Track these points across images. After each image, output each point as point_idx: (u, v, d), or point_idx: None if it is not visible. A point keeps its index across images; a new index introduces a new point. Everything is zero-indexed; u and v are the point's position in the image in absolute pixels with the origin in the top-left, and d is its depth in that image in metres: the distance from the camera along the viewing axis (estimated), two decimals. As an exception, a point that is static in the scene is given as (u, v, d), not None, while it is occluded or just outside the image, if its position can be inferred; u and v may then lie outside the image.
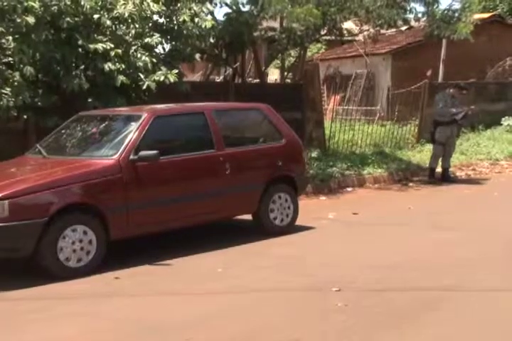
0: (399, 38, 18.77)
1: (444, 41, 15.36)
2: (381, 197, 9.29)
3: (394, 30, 16.66)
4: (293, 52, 15.98)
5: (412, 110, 13.21)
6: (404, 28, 17.48)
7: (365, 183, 10.17)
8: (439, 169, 10.59)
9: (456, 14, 11.18)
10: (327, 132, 11.62)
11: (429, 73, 13.63)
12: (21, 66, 7.40)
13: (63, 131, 6.64)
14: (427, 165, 10.68)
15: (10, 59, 7.59)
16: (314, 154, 10.63)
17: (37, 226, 5.23)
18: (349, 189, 9.80)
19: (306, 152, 8.60)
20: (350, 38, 17.04)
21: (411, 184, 10.29)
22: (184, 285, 5.19)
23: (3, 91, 7.28)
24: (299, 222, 7.18)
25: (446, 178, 10.46)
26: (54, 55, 7.60)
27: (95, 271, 5.48)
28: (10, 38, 7.48)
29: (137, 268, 5.64)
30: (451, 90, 10.46)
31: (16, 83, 7.40)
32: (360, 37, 16.52)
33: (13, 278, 5.47)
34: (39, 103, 7.68)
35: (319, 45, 20.45)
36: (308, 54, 17.53)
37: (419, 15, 11.30)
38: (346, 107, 14.21)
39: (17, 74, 7.47)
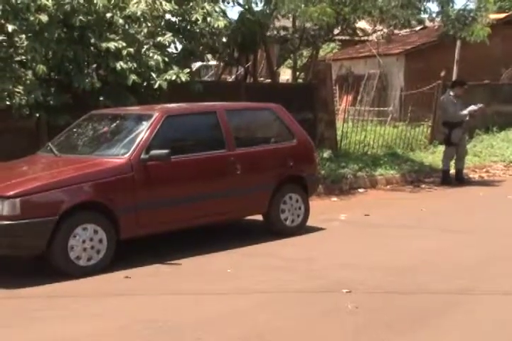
0: (412, 39, 18.72)
1: (458, 42, 15.31)
2: (393, 199, 9.27)
3: (408, 30, 16.64)
4: (305, 51, 16.00)
5: (424, 111, 13.18)
6: (418, 28, 17.46)
7: (377, 184, 10.16)
8: (451, 171, 10.56)
9: (472, 14, 11.15)
10: (339, 133, 11.61)
11: (442, 74, 13.57)
12: (34, 64, 7.45)
13: (75, 130, 6.69)
14: (440, 167, 10.64)
15: (23, 57, 7.65)
16: (326, 155, 10.62)
17: (48, 224, 5.27)
18: (361, 190, 9.79)
19: (317, 152, 8.60)
20: (363, 38, 17.03)
21: (423, 185, 10.27)
22: (194, 286, 5.21)
23: (16, 89, 7.33)
24: (309, 223, 7.18)
25: (461, 180, 10.42)
26: (66, 54, 7.65)
27: (105, 270, 5.51)
28: (23, 36, 7.53)
29: (147, 268, 5.67)
30: (451, 93, 10.38)
31: (28, 81, 7.45)
32: (373, 37, 16.49)
33: (23, 276, 5.52)
34: (51, 101, 7.73)
35: (332, 44, 20.43)
36: (321, 54, 17.55)
37: (434, 15, 11.28)
38: (358, 108, 14.18)
39: (29, 72, 7.52)
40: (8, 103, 7.36)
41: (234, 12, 38.26)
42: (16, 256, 5.57)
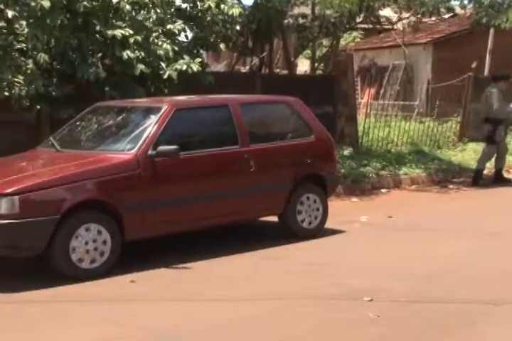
0: (441, 27, 18.63)
1: (491, 30, 15.21)
2: (418, 200, 9.25)
3: (436, 18, 16.55)
4: (325, 41, 15.97)
5: (454, 106, 13.11)
6: (447, 15, 17.37)
7: (401, 184, 10.14)
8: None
9: (507, 1, 11.08)
10: (360, 128, 11.59)
11: (474, 65, 13.49)
12: (35, 53, 7.49)
13: (78, 123, 6.71)
14: (473, 166, 10.57)
15: (23, 45, 7.68)
16: (346, 152, 10.61)
17: (49, 224, 5.30)
18: (384, 190, 9.78)
19: (337, 149, 8.59)
20: (387, 27, 16.96)
21: (451, 186, 10.23)
22: (204, 291, 5.23)
23: (16, 79, 7.37)
24: (328, 225, 7.18)
25: (501, 179, 10.34)
26: (70, 42, 7.67)
27: (109, 274, 5.54)
28: (23, 22, 7.57)
29: (154, 272, 5.70)
30: (495, 88, 10.27)
31: (28, 71, 7.49)
32: (398, 25, 16.43)
33: (24, 279, 5.55)
34: (53, 93, 7.76)
35: (354, 33, 20.38)
36: (342, 43, 17.53)
37: (465, 1, 11.23)
38: (382, 102, 14.15)
39: (30, 61, 7.56)
40: (7, 94, 7.40)
41: (248, -2, 38.30)
42: (15, 257, 5.61)
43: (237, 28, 10.74)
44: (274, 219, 7.04)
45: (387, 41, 19.05)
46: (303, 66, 20.03)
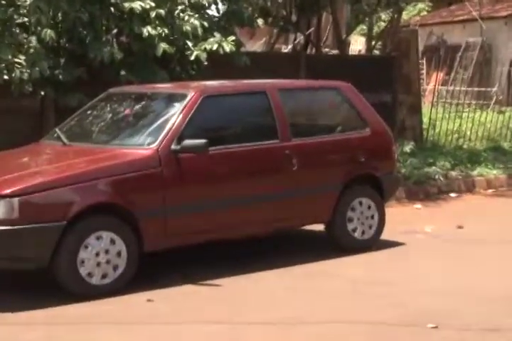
0: (526, -3, 18.40)
1: None
2: (496, 207, 9.20)
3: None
4: (384, 14, 15.89)
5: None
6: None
7: (474, 188, 10.12)
8: None
9: None
10: (425, 120, 11.59)
11: None
12: (39, 28, 7.58)
13: (89, 113, 6.80)
14: None
15: (25, 19, 7.78)
16: (408, 148, 10.59)
17: (53, 231, 5.37)
18: (453, 195, 9.75)
19: (396, 145, 8.55)
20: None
21: (537, 190, 10.16)
22: (233, 313, 5.25)
23: (16, 60, 7.47)
24: (384, 236, 7.17)
25: None
26: (80, 16, 7.76)
27: (123, 291, 5.58)
28: (26, -7, 7.68)
29: (175, 289, 5.73)
30: None
31: (32, 50, 7.58)
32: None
33: (23, 296, 5.61)
34: (60, 76, 7.86)
35: (420, 5, 20.27)
36: (405, 17, 17.43)
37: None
38: (452, 88, 14.04)
39: (33, 38, 7.65)
40: (6, 77, 7.50)
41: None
42: (14, 270, 5.69)
43: (279, -1, 10.77)
44: (320, 228, 7.04)
45: (459, 14, 18.91)
46: (357, 45, 19.98)
